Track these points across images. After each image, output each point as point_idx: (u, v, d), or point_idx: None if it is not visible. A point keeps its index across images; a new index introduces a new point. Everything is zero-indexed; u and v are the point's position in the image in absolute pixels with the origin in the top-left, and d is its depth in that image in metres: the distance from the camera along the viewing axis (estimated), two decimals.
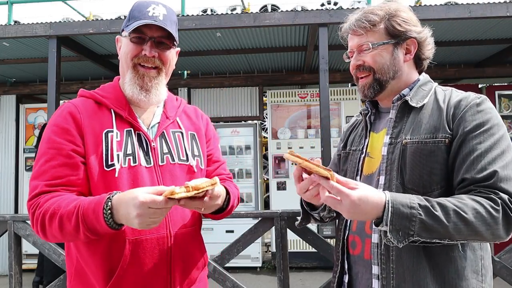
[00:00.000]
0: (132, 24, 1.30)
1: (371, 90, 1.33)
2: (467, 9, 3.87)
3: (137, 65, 1.32)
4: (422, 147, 1.21)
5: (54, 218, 1.15)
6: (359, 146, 1.42)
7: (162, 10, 1.33)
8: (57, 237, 1.18)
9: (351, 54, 1.38)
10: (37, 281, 5.05)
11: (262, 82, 6.38)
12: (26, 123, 6.27)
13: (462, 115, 1.20)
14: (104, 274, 1.23)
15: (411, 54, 1.33)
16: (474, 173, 1.12)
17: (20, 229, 2.91)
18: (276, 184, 5.92)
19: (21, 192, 6.15)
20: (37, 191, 1.21)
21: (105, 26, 4.12)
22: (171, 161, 1.34)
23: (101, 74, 6.20)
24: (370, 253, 1.25)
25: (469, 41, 5.08)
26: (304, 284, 5.18)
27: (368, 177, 1.33)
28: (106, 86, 1.41)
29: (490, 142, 1.15)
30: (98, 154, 1.25)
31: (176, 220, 1.31)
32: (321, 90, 3.82)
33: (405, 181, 1.21)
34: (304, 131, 5.99)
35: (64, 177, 1.22)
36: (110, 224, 1.11)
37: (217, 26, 4.05)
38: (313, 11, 4.07)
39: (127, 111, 1.34)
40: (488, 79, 6.59)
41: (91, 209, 1.12)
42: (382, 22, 1.30)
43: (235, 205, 1.46)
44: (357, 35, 1.33)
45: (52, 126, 1.29)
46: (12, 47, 4.86)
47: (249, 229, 2.79)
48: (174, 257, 1.30)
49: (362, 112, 1.45)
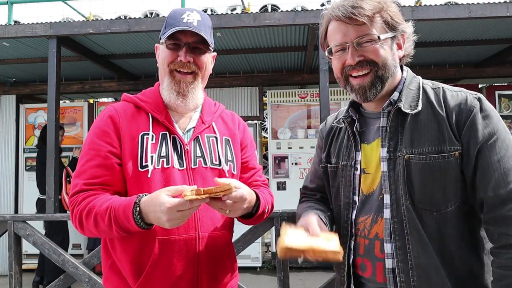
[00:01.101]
0: (167, 31, 1.35)
1: (373, 91, 1.18)
2: (467, 9, 3.87)
3: (173, 71, 1.38)
4: (431, 163, 1.12)
5: (89, 216, 1.23)
6: (349, 160, 1.29)
7: (196, 16, 1.37)
8: (94, 233, 1.27)
9: (338, 48, 1.19)
10: (37, 281, 5.06)
11: (262, 82, 6.37)
12: (26, 123, 6.26)
13: (470, 124, 1.11)
14: (134, 271, 1.28)
15: (402, 49, 1.23)
16: (498, 188, 1.06)
17: (20, 229, 2.91)
18: (276, 184, 5.92)
19: (21, 192, 6.15)
20: (76, 189, 1.30)
21: (105, 26, 4.12)
22: (203, 164, 1.37)
23: (101, 74, 6.20)
24: (383, 277, 1.18)
25: (469, 41, 5.07)
26: (304, 284, 5.18)
27: (369, 196, 1.24)
28: (147, 91, 1.47)
29: (504, 151, 1.09)
30: (133, 155, 1.31)
31: (205, 222, 1.34)
32: (321, 90, 3.82)
33: (415, 200, 1.13)
34: (304, 131, 5.99)
35: (101, 177, 1.30)
36: (140, 225, 1.18)
37: (217, 26, 4.05)
38: (313, 11, 4.07)
39: (164, 115, 1.39)
40: (488, 79, 6.59)
41: (121, 212, 1.19)
42: (382, 11, 1.16)
43: (267, 211, 1.45)
44: (356, 25, 1.14)
45: (94, 128, 1.38)
46: (12, 47, 4.86)
47: (249, 229, 2.79)
48: (202, 259, 1.32)
49: (345, 121, 1.29)
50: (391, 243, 1.15)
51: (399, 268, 1.13)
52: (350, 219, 1.26)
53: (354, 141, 1.28)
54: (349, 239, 1.25)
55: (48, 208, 3.75)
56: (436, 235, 1.11)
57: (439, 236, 1.11)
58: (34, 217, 3.40)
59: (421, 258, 1.11)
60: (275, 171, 5.96)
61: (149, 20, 4.21)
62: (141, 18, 4.45)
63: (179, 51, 1.36)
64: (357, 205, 1.26)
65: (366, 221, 1.23)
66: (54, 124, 3.90)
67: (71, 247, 5.78)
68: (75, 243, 5.95)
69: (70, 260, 2.86)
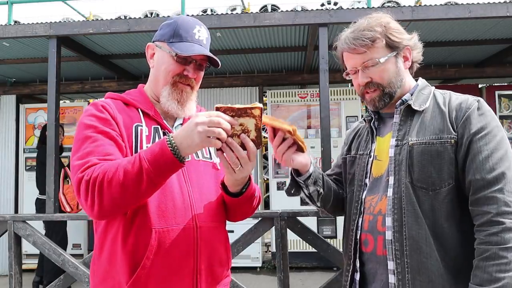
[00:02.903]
0: (179, 44, 1.35)
1: (382, 103, 1.39)
2: (467, 9, 3.86)
3: (177, 82, 1.39)
4: (430, 147, 1.29)
5: (115, 173, 1.13)
6: (366, 150, 1.48)
7: (205, 34, 1.41)
8: (116, 197, 1.14)
9: (352, 71, 1.42)
10: (37, 281, 5.06)
11: (262, 82, 6.37)
12: (26, 123, 6.26)
13: (466, 118, 1.28)
14: (130, 265, 1.23)
15: (409, 60, 1.42)
16: (484, 173, 1.21)
17: (20, 229, 2.91)
18: (276, 184, 5.92)
19: (21, 192, 6.15)
20: (89, 164, 1.19)
21: (105, 26, 4.12)
22: (196, 157, 1.40)
23: (101, 74, 6.20)
24: (382, 249, 1.32)
25: (469, 41, 5.07)
26: (304, 284, 5.18)
27: (378, 179, 1.41)
28: (132, 92, 1.48)
29: (494, 143, 1.24)
30: (129, 145, 1.30)
31: (201, 212, 1.34)
32: (321, 90, 3.82)
33: (414, 179, 1.29)
34: (304, 131, 5.99)
35: (113, 154, 1.23)
36: (174, 150, 1.13)
37: (217, 26, 4.05)
38: (313, 11, 4.07)
39: (153, 111, 1.40)
40: (488, 79, 6.59)
41: (153, 147, 1.15)
42: (382, 37, 1.35)
43: (256, 199, 1.45)
44: (359, 53, 1.36)
45: (89, 116, 1.30)
46: (12, 47, 4.86)
47: (249, 229, 2.79)
48: (201, 249, 1.31)
49: (366, 119, 1.51)
50: (391, 217, 1.31)
51: (395, 237, 1.29)
52: (360, 198, 1.44)
53: (371, 135, 1.48)
54: (358, 216, 1.42)
55: (48, 208, 3.75)
56: (429, 211, 1.27)
57: (432, 212, 1.27)
58: (34, 217, 3.41)
59: (414, 230, 1.27)
60: (275, 171, 5.96)
61: (149, 20, 4.21)
62: (141, 18, 4.46)
63: (187, 65, 1.38)
64: (367, 187, 1.44)
65: (373, 199, 1.40)
66: (54, 124, 3.90)
67: (71, 247, 5.78)
68: (75, 243, 5.95)
69: (70, 260, 2.86)
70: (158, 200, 1.27)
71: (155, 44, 1.43)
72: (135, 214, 1.25)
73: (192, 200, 1.32)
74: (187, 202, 1.31)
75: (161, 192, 1.27)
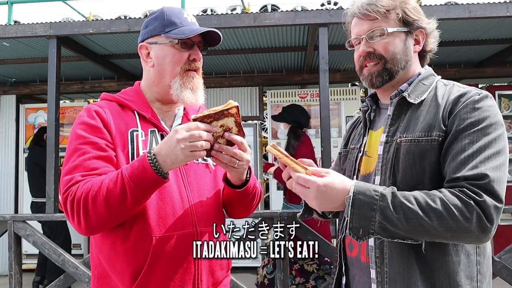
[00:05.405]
0: (177, 30, 1.33)
1: (379, 79, 1.26)
2: (467, 9, 3.86)
3: (187, 70, 1.36)
4: (415, 145, 1.16)
5: (98, 192, 1.14)
6: (357, 144, 1.37)
7: (193, 18, 1.40)
8: (102, 214, 1.15)
9: (356, 41, 1.30)
10: (37, 281, 5.04)
11: (262, 82, 6.37)
12: (26, 123, 6.25)
13: (457, 112, 1.14)
14: (130, 274, 1.22)
15: (420, 45, 1.29)
16: (464, 171, 1.06)
17: (20, 229, 2.91)
18: (276, 184, 5.91)
19: (21, 192, 6.14)
20: (73, 182, 1.20)
21: (105, 26, 4.11)
22: (195, 160, 1.37)
23: (101, 74, 6.19)
24: (366, 256, 1.23)
25: (469, 41, 5.07)
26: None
27: (366, 177, 1.29)
28: (128, 90, 1.45)
29: (483, 142, 1.08)
30: (125, 152, 1.28)
31: (202, 218, 1.32)
32: (321, 90, 3.82)
33: (398, 181, 1.17)
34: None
35: (99, 168, 1.22)
36: (157, 169, 1.13)
37: (217, 26, 4.05)
38: (313, 11, 4.07)
39: (150, 112, 1.37)
40: (488, 79, 6.59)
41: (135, 165, 1.16)
42: (397, 8, 1.24)
43: (258, 193, 1.45)
44: (370, 20, 1.24)
45: (80, 124, 1.30)
46: (12, 47, 4.85)
47: None
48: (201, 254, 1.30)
49: (361, 109, 1.40)
50: None
51: (375, 244, 1.18)
52: None
53: (364, 127, 1.37)
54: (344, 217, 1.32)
55: (48, 208, 3.75)
56: None
57: None
58: (34, 217, 3.41)
59: None
60: None
61: None
62: (141, 18, 4.45)
63: (190, 50, 1.36)
64: None
65: None
66: (54, 124, 3.90)
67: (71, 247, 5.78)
68: (75, 243, 5.94)
69: (70, 260, 2.86)
70: (157, 207, 1.26)
71: (147, 42, 1.39)
72: (134, 221, 1.24)
73: (192, 205, 1.31)
74: (187, 208, 1.30)
75: (160, 198, 1.26)
